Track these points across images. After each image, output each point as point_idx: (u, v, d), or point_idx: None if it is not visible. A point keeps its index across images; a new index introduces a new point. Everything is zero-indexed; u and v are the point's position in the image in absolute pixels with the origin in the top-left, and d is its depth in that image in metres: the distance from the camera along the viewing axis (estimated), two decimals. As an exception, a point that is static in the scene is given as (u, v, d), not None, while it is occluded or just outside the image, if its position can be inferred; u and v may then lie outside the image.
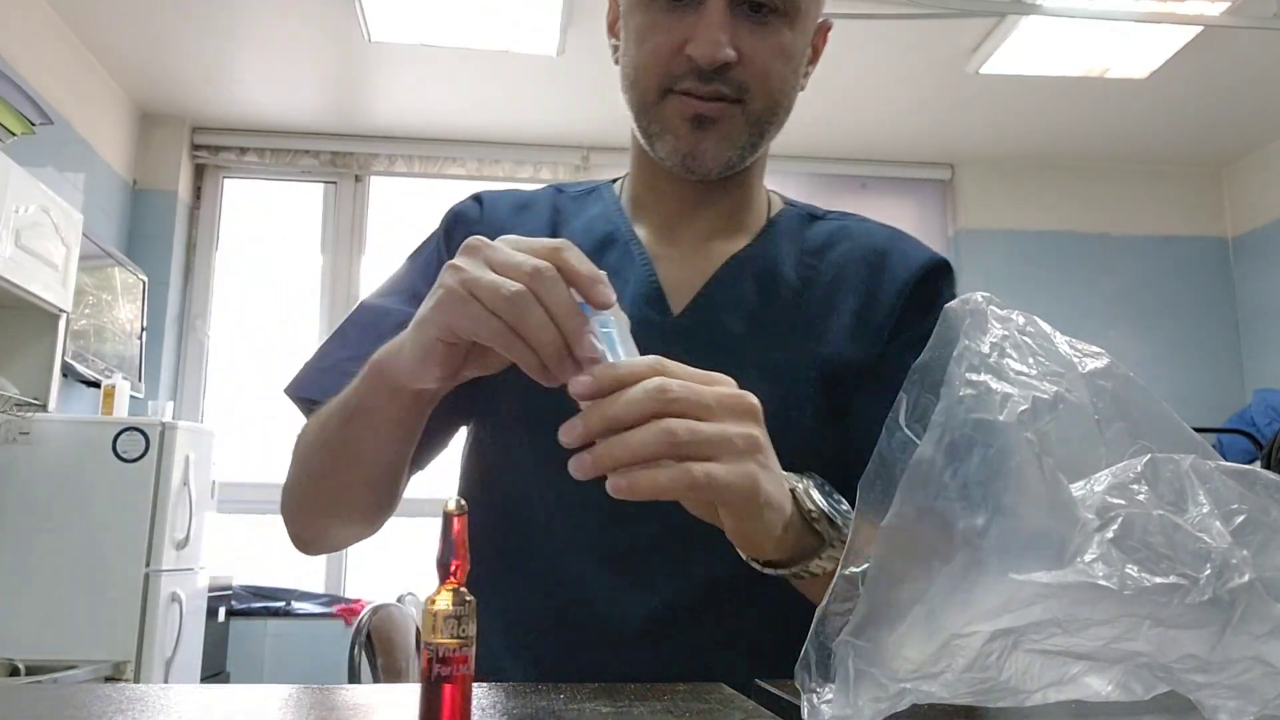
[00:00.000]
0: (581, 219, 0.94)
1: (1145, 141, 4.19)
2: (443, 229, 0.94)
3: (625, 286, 0.86)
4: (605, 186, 0.98)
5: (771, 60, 0.82)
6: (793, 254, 0.91)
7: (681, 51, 0.80)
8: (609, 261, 0.88)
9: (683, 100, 0.81)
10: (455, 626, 0.38)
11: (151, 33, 3.38)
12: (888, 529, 0.41)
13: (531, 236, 0.88)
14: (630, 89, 0.85)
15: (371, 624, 1.54)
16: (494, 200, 0.96)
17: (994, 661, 0.40)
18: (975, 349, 0.43)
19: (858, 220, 0.96)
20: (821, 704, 0.41)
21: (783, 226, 0.93)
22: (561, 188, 0.99)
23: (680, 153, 0.83)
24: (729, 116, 0.82)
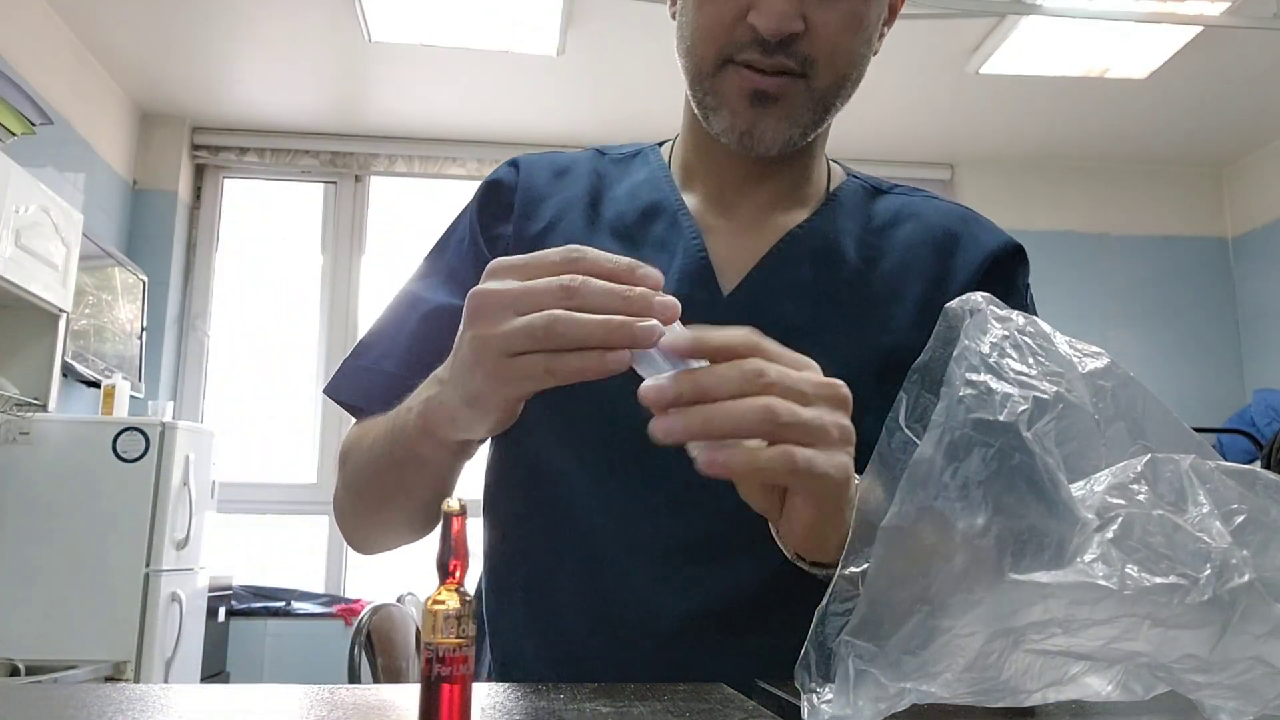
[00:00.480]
0: (625, 185, 0.89)
1: (1145, 141, 4.19)
2: (476, 200, 0.90)
3: (672, 260, 0.82)
4: (651, 150, 0.93)
5: (842, 32, 0.76)
6: (855, 231, 0.85)
7: (744, 19, 0.74)
8: (655, 232, 0.84)
9: (742, 73, 0.76)
10: (455, 626, 0.38)
11: (152, 33, 3.38)
12: (888, 529, 0.41)
13: (571, 203, 0.86)
14: (686, 55, 0.79)
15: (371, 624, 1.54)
16: (530, 165, 0.90)
17: (994, 661, 0.40)
18: (975, 349, 0.43)
19: (925, 197, 0.91)
20: (821, 704, 0.41)
21: (845, 200, 0.87)
22: (604, 150, 0.93)
23: (738, 130, 0.77)
24: (792, 92, 0.76)
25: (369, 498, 0.80)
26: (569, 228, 0.84)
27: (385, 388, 0.80)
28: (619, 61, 3.51)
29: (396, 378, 0.80)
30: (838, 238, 0.84)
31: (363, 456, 0.79)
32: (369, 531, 0.85)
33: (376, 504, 0.81)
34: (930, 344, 0.48)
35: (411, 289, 0.88)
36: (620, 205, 0.86)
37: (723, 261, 0.82)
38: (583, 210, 0.86)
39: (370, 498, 0.80)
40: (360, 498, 0.82)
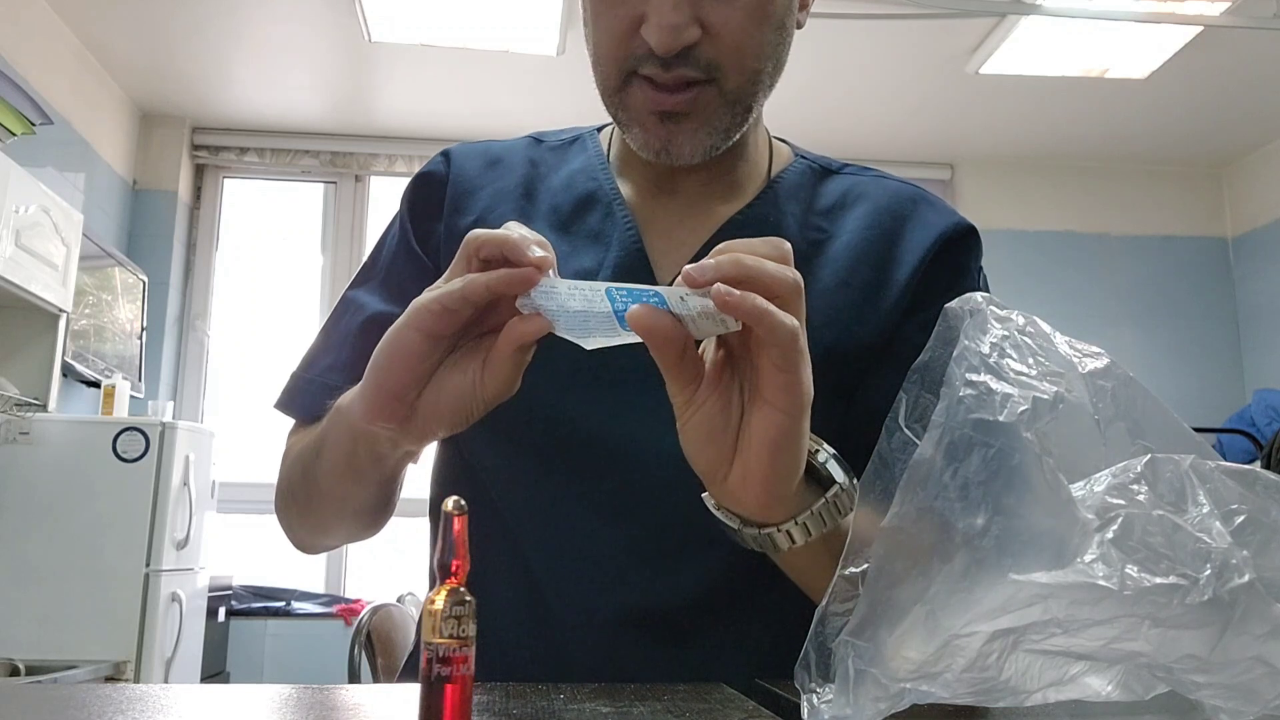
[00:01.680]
0: (562, 173, 0.85)
1: (1145, 141, 4.19)
2: (406, 199, 0.87)
3: (606, 252, 0.79)
4: (589, 136, 0.88)
5: (747, 28, 0.70)
6: (799, 215, 0.81)
7: (639, 30, 0.70)
8: (590, 223, 0.81)
9: (646, 90, 0.71)
10: (455, 626, 0.38)
11: (152, 33, 3.38)
12: (888, 529, 0.41)
13: (503, 195, 0.83)
14: (594, 68, 0.76)
15: (371, 624, 1.54)
16: (462, 155, 0.87)
17: (994, 661, 0.40)
18: (975, 349, 0.43)
19: (875, 177, 0.86)
20: (821, 704, 0.41)
21: (788, 183, 0.83)
22: (541, 137, 0.89)
23: (653, 148, 0.74)
24: (702, 102, 0.71)
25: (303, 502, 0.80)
26: (499, 220, 0.79)
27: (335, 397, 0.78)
28: (619, 61, 3.51)
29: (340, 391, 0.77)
30: (779, 223, 0.80)
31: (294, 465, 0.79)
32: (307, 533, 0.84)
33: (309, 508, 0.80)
34: (930, 344, 0.48)
35: (351, 295, 0.86)
36: (555, 196, 0.83)
37: (659, 253, 0.79)
38: (515, 201, 0.83)
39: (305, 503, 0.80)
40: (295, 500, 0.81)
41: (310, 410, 0.82)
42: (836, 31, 3.24)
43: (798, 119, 3.89)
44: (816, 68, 3.53)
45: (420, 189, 0.86)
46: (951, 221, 0.83)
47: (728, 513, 0.59)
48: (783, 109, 4.21)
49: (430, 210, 0.85)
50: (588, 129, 0.90)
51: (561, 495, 0.76)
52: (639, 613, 0.74)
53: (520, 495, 0.78)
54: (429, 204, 0.85)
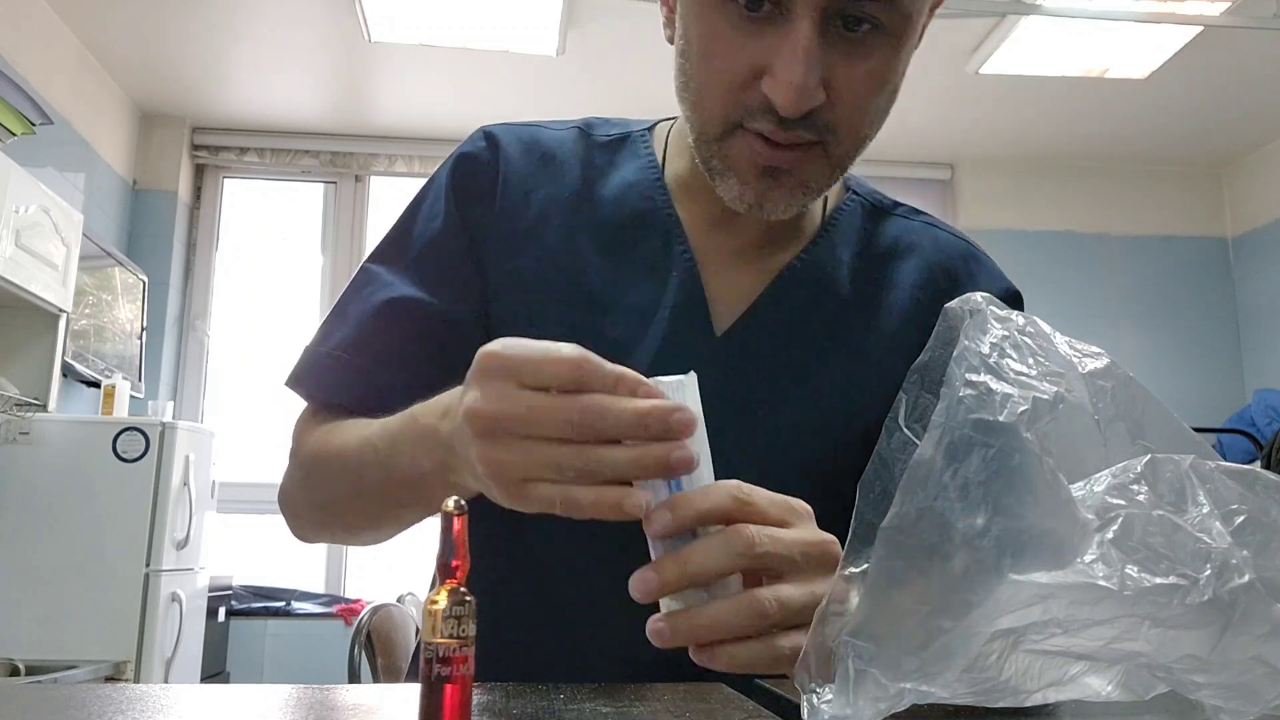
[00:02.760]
0: (613, 182, 0.80)
1: (1145, 141, 4.19)
2: (449, 178, 0.81)
3: (663, 289, 0.76)
4: (640, 138, 0.83)
5: (868, 93, 0.67)
6: (852, 261, 0.80)
7: (757, 81, 0.65)
8: (646, 251, 0.77)
9: (753, 144, 0.67)
10: (455, 626, 0.38)
11: (151, 33, 3.38)
12: (887, 529, 0.41)
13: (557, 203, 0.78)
14: (691, 109, 0.70)
15: (371, 624, 1.54)
16: (511, 142, 0.81)
17: (994, 662, 0.40)
18: (975, 349, 0.43)
19: (926, 224, 0.85)
20: (821, 704, 0.41)
21: (844, 224, 0.82)
22: (589, 128, 0.84)
23: (746, 201, 0.70)
24: (807, 160, 0.68)
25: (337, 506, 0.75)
26: (554, 234, 0.78)
27: (349, 379, 0.76)
28: (619, 61, 3.51)
29: (359, 369, 0.76)
30: (835, 271, 0.79)
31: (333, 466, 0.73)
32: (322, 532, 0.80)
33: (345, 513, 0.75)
34: (930, 344, 0.48)
35: (374, 269, 0.81)
36: (607, 209, 0.80)
37: (715, 296, 0.77)
38: (569, 213, 0.79)
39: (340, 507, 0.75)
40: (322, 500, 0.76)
41: (323, 390, 0.78)
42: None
43: (798, 119, 3.88)
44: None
45: (466, 174, 0.81)
46: (1002, 288, 0.83)
47: None
48: (783, 109, 4.16)
49: (478, 196, 0.80)
50: (637, 126, 0.85)
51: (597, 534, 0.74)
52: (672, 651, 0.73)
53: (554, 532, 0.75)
54: (477, 192, 0.80)
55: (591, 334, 0.74)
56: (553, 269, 0.77)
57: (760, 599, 0.50)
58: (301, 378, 0.79)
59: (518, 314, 0.77)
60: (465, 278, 0.78)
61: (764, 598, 0.51)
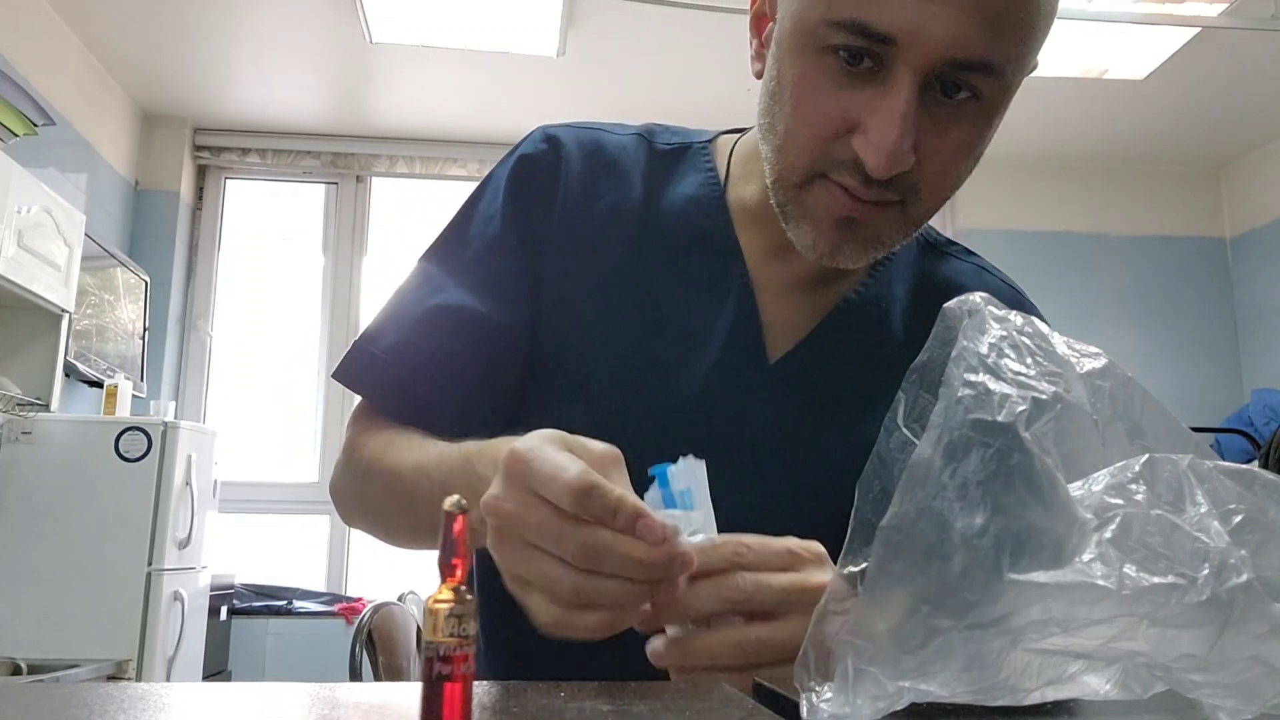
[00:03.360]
0: (674, 195, 0.80)
1: (1144, 142, 4.19)
2: (509, 182, 0.80)
3: (719, 312, 0.76)
4: (700, 151, 0.82)
5: (955, 160, 0.66)
6: (905, 298, 0.81)
7: (848, 136, 0.64)
8: (704, 271, 0.77)
9: (834, 194, 0.66)
10: (456, 625, 0.38)
11: (153, 34, 3.38)
12: (887, 529, 0.41)
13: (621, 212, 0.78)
14: (773, 153, 0.69)
15: (373, 623, 1.55)
16: (574, 145, 0.80)
17: (992, 661, 0.40)
18: (973, 349, 0.43)
19: (978, 268, 0.85)
20: (820, 703, 0.41)
21: (900, 261, 0.82)
22: (651, 134, 0.83)
23: (819, 250, 0.69)
24: (885, 219, 0.67)
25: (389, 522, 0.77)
26: (616, 246, 0.78)
27: (398, 383, 0.76)
28: (619, 61, 3.52)
29: (408, 373, 0.76)
30: (889, 308, 0.80)
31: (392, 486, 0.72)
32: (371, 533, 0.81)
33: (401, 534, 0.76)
34: (929, 344, 0.48)
35: (432, 270, 0.80)
36: (668, 223, 0.79)
37: (770, 324, 0.76)
38: (632, 224, 0.78)
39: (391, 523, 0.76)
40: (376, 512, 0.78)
41: (368, 390, 0.79)
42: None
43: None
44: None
45: (526, 177, 0.79)
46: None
47: None
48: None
49: (541, 204, 0.79)
50: (697, 138, 0.84)
51: None
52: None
53: None
54: (539, 197, 0.79)
55: (645, 355, 0.75)
56: (613, 283, 0.77)
57: (745, 637, 0.54)
58: (351, 373, 0.79)
59: (569, 325, 0.77)
60: (518, 285, 0.78)
61: (749, 636, 0.54)
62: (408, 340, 0.77)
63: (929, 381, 0.45)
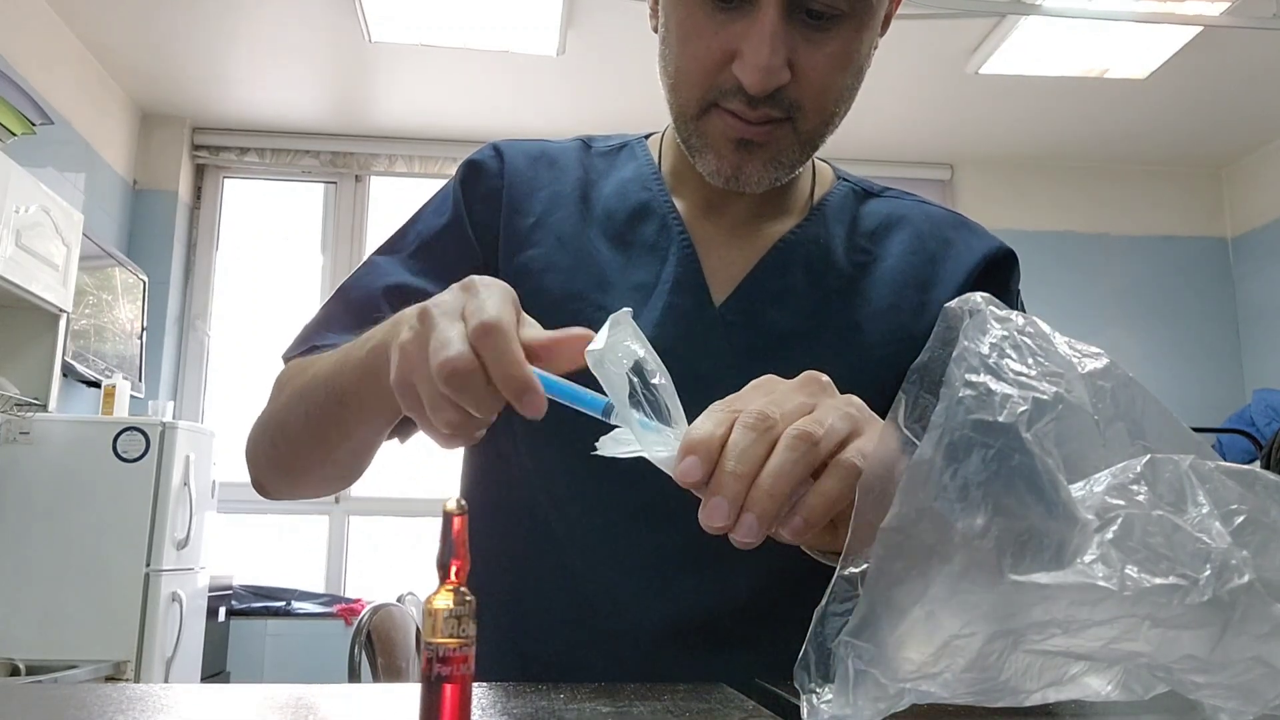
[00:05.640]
0: (613, 181, 0.86)
1: (1145, 142, 4.19)
2: (459, 181, 0.86)
3: (663, 265, 0.81)
4: (638, 144, 0.90)
5: (830, 74, 0.73)
6: (844, 237, 0.84)
7: (729, 64, 0.71)
8: (645, 234, 0.83)
9: (726, 120, 0.73)
10: (455, 626, 0.38)
11: (152, 33, 3.38)
12: (887, 529, 0.41)
13: (561, 198, 0.84)
14: (670, 91, 0.77)
15: (372, 624, 1.55)
16: (515, 152, 0.87)
17: (994, 662, 0.40)
18: (974, 349, 0.43)
19: (916, 201, 0.89)
20: (821, 704, 0.41)
21: (833, 205, 0.86)
22: (589, 141, 0.91)
23: (723, 174, 0.76)
24: (778, 136, 0.74)
25: (292, 437, 0.75)
26: (559, 224, 0.83)
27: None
28: (619, 61, 3.52)
29: None
30: (828, 244, 0.83)
31: (293, 397, 0.75)
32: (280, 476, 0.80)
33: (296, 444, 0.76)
34: (929, 344, 0.48)
35: (377, 259, 0.85)
36: (609, 203, 0.85)
37: (711, 271, 0.81)
38: (573, 205, 0.84)
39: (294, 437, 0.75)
40: (281, 436, 0.77)
41: None
42: (836, 31, 3.23)
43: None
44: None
45: (475, 179, 0.86)
46: (994, 245, 0.86)
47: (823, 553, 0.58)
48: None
49: (487, 201, 0.85)
50: (634, 137, 0.91)
51: (607, 500, 0.76)
52: (685, 619, 0.74)
53: (565, 500, 0.78)
54: (486, 195, 0.85)
55: (595, 309, 0.78)
56: (559, 255, 0.82)
57: (799, 428, 0.49)
58: (298, 353, 0.82)
59: (530, 296, 0.78)
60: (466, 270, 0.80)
61: (802, 426, 0.49)
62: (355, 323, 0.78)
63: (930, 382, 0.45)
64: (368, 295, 0.82)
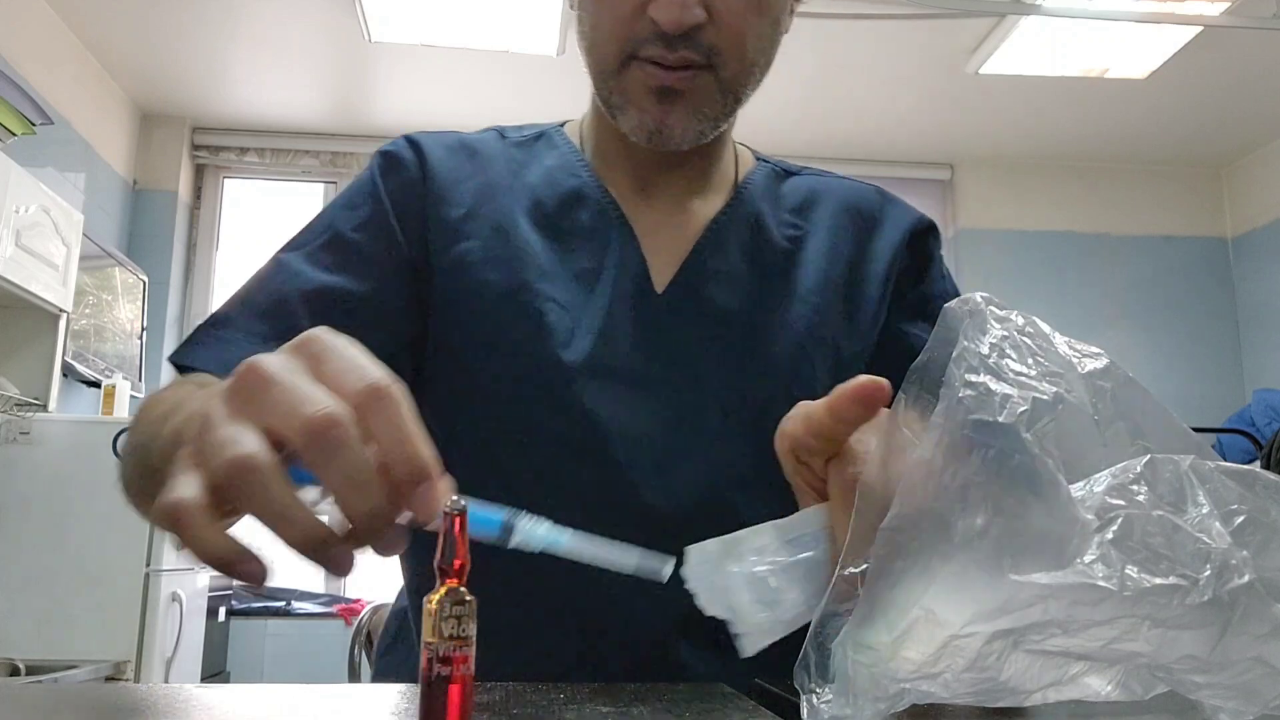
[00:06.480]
0: (536, 170, 0.84)
1: (1145, 141, 4.19)
2: (378, 173, 0.82)
3: (604, 251, 0.80)
4: (555, 131, 0.89)
5: (746, 17, 0.73)
6: (772, 214, 0.85)
7: (644, 13, 0.71)
8: (581, 221, 0.81)
9: (646, 70, 0.73)
10: (455, 626, 0.38)
11: (152, 33, 3.38)
12: (887, 529, 0.41)
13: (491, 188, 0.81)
14: (588, 52, 0.77)
15: (371, 624, 1.54)
16: (433, 144, 0.84)
17: (994, 662, 0.40)
18: (974, 350, 0.43)
19: (834, 178, 0.90)
20: (821, 704, 0.41)
21: (757, 185, 0.86)
22: (504, 132, 0.89)
23: (647, 129, 0.75)
24: (699, 85, 0.74)
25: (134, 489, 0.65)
26: (493, 215, 0.81)
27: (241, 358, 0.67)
28: (619, 61, 3.51)
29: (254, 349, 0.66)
30: (759, 222, 0.83)
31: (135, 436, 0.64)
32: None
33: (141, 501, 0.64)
34: (929, 344, 0.48)
35: (286, 259, 0.78)
36: (537, 192, 0.83)
37: (651, 254, 0.80)
38: (504, 196, 0.82)
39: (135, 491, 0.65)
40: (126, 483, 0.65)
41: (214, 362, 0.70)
42: (836, 32, 3.24)
43: (797, 119, 3.88)
44: (816, 68, 3.53)
45: (394, 169, 0.83)
46: (916, 216, 0.88)
47: None
48: (783, 109, 4.15)
49: (410, 191, 0.81)
50: (549, 125, 0.90)
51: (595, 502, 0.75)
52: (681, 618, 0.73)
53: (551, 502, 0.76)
54: (407, 185, 0.82)
55: (540, 300, 0.77)
56: (498, 247, 0.79)
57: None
58: (189, 356, 0.72)
59: (467, 292, 0.78)
60: (391, 265, 0.79)
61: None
62: (270, 324, 0.73)
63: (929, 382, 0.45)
64: (279, 299, 0.75)
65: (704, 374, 0.78)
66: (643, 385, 0.76)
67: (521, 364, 0.76)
